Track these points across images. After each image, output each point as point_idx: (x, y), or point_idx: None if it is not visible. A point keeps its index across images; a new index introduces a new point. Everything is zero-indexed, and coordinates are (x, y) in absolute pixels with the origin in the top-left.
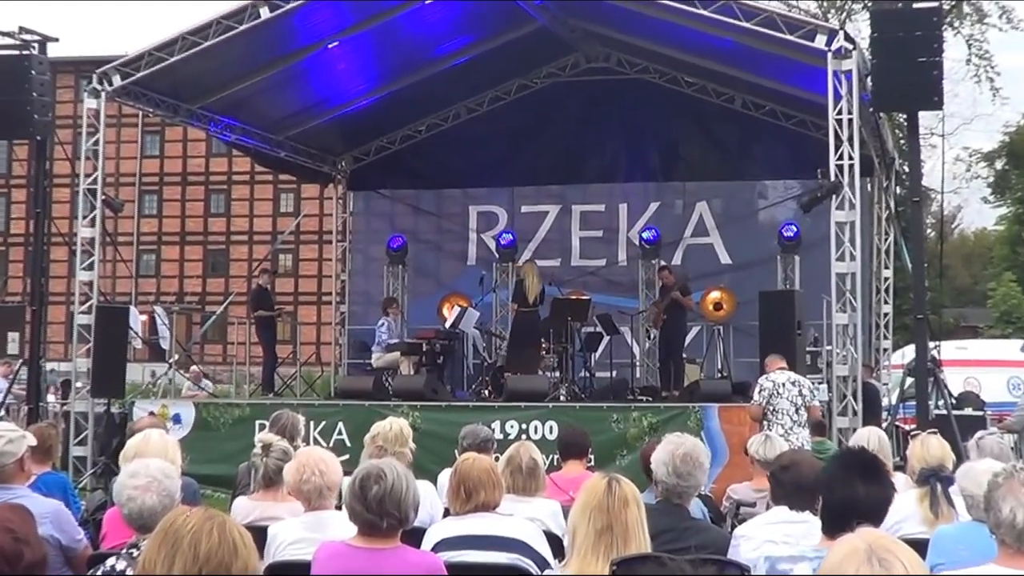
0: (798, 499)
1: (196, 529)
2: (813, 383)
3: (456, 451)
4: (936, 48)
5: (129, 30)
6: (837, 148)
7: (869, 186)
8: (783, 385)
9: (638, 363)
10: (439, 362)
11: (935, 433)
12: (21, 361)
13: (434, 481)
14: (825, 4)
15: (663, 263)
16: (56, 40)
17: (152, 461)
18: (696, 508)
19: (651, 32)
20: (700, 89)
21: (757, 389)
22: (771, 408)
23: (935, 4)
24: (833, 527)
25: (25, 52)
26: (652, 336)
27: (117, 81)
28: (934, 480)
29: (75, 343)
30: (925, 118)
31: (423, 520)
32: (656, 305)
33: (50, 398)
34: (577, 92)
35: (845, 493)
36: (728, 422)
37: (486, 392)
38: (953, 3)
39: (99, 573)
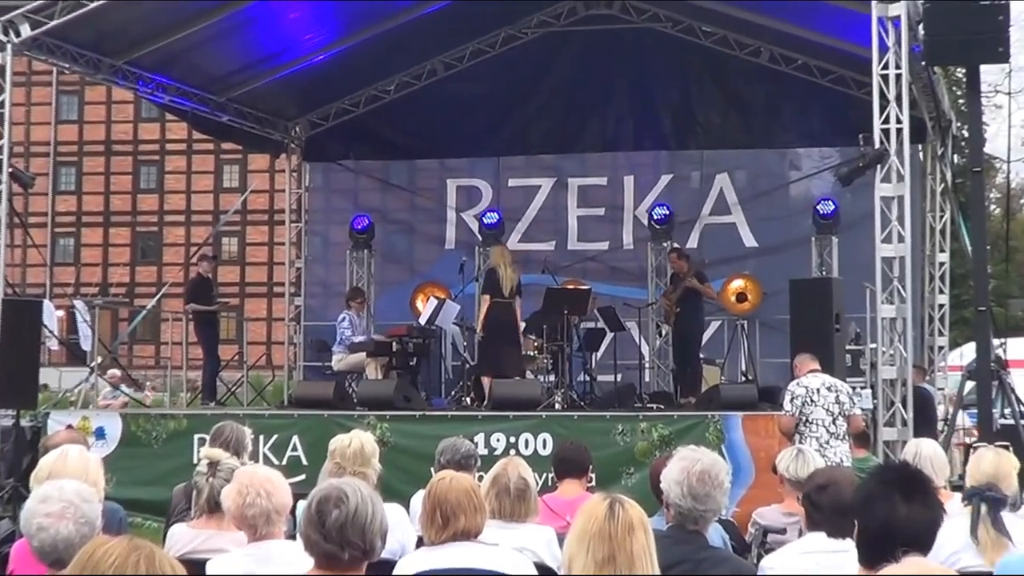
0: (837, 524)
1: (119, 563)
2: (854, 388)
3: (432, 469)
4: None
5: None
6: (882, 109)
7: (921, 154)
8: (818, 391)
9: (647, 365)
10: (412, 364)
11: (1006, 447)
12: None
13: (406, 505)
14: None
15: (674, 246)
16: None
17: (68, 483)
18: (715, 535)
19: None
20: (720, 40)
21: (788, 396)
22: (804, 418)
23: None
24: (872, 556)
25: None
26: (664, 333)
27: (26, 31)
28: (977, 500)
29: None
30: (988, 73)
31: (392, 551)
32: (667, 296)
33: None
34: (574, 45)
35: (883, 515)
36: (754, 434)
37: (467, 400)
38: None
39: None
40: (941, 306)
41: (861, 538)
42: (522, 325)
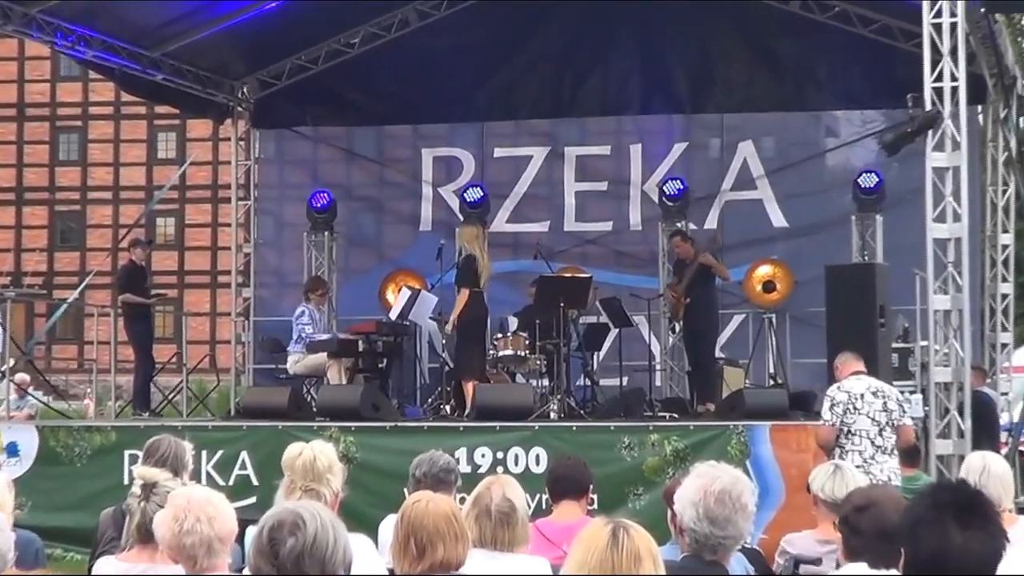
0: (880, 552)
1: None
2: (903, 393)
3: (405, 489)
4: None
5: None
6: (935, 65)
7: (980, 118)
8: (862, 397)
9: (658, 366)
10: (381, 367)
11: None
12: None
13: (374, 533)
14: None
15: (678, 228)
16: None
17: None
18: (738, 566)
19: None
20: None
21: (827, 403)
22: (845, 429)
23: None
24: None
25: None
26: (677, 329)
27: None
28: None
29: None
30: None
31: None
32: (672, 289)
33: None
34: None
35: (934, 543)
36: (784, 447)
37: (447, 408)
38: None
39: None
40: (1004, 296)
41: (908, 570)
42: (513, 321)
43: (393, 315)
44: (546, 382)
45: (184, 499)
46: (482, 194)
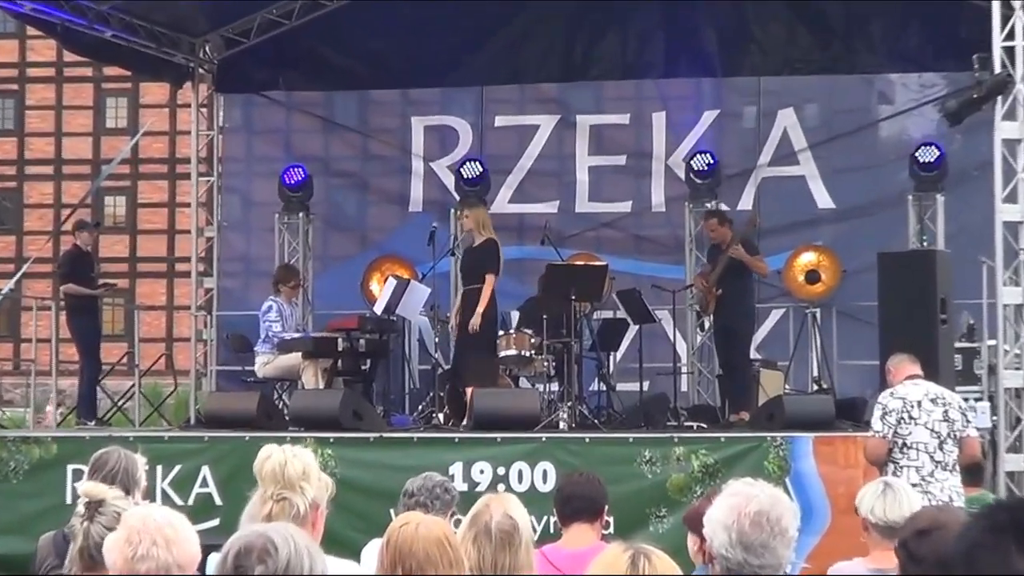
0: None
1: None
2: (967, 400)
3: (393, 511)
4: None
5: None
6: (1005, 21)
7: None
8: (919, 404)
9: (685, 368)
10: (364, 369)
11: None
12: None
13: (356, 559)
14: None
15: (714, 208)
16: None
17: None
18: None
19: None
20: None
21: (878, 411)
22: (899, 441)
23: None
24: None
25: None
26: (708, 326)
27: None
28: None
29: None
30: None
31: None
32: (703, 278)
33: None
34: None
35: (994, 570)
36: (830, 462)
37: (440, 417)
38: None
39: None
40: None
41: None
42: (516, 316)
43: (378, 309)
44: (554, 387)
45: (139, 520)
46: (481, 170)
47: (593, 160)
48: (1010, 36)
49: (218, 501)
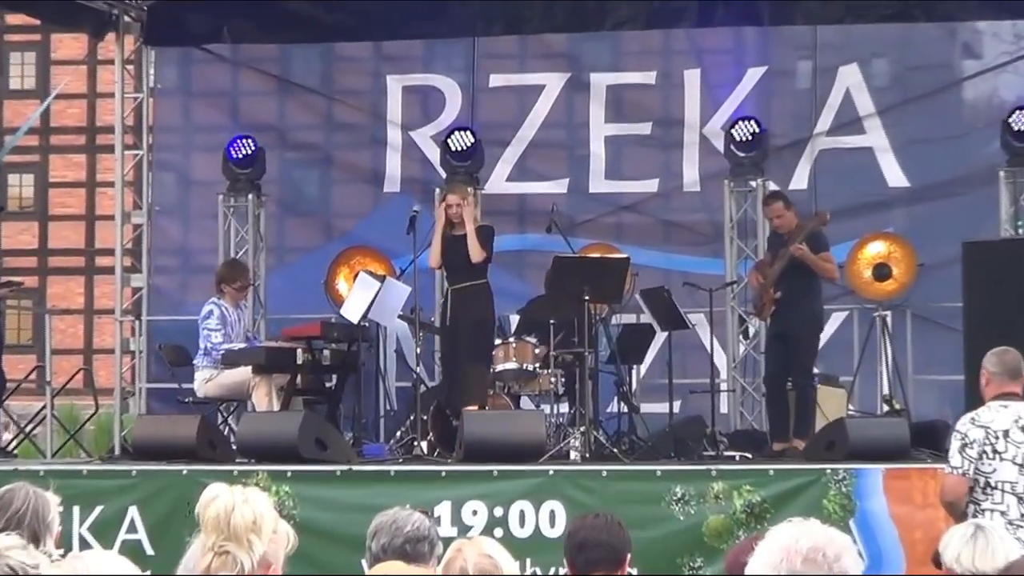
0: None
1: None
2: None
3: (363, 561)
4: None
5: None
6: None
7: None
8: (1004, 434)
9: (724, 385)
10: (330, 386)
11: None
12: None
13: None
14: None
15: (774, 189)
16: None
17: None
18: None
19: None
20: None
21: (955, 442)
22: (981, 480)
23: None
24: None
25: None
26: (753, 333)
27: None
28: None
29: None
30: None
31: None
32: (760, 272)
33: None
34: None
35: None
36: (904, 501)
37: (422, 446)
38: None
39: None
40: None
41: None
42: (515, 320)
43: (347, 313)
44: (564, 408)
45: (70, 568)
46: (473, 140)
47: (611, 129)
48: None
49: (149, 550)
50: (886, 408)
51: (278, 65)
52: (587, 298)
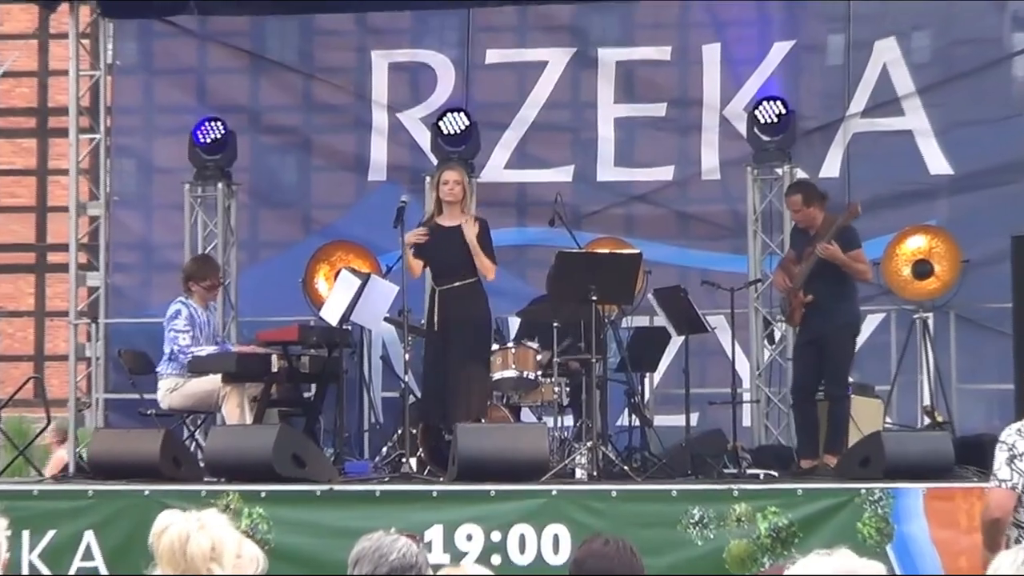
0: None
1: None
2: None
3: None
4: None
5: None
6: None
7: None
8: None
9: (747, 395)
10: (308, 396)
11: None
12: None
13: None
14: None
15: (801, 179)
16: None
17: None
18: None
19: None
20: None
21: (1003, 453)
22: None
23: None
24: None
25: None
26: (779, 337)
27: None
28: None
29: None
30: None
31: None
32: (786, 275)
33: None
34: None
35: None
36: (948, 524)
37: (411, 463)
38: None
39: None
40: None
41: None
42: (515, 323)
43: (327, 315)
44: (569, 420)
45: None
46: (467, 123)
47: (621, 110)
48: None
49: None
50: (927, 420)
51: (250, 39)
52: (594, 298)
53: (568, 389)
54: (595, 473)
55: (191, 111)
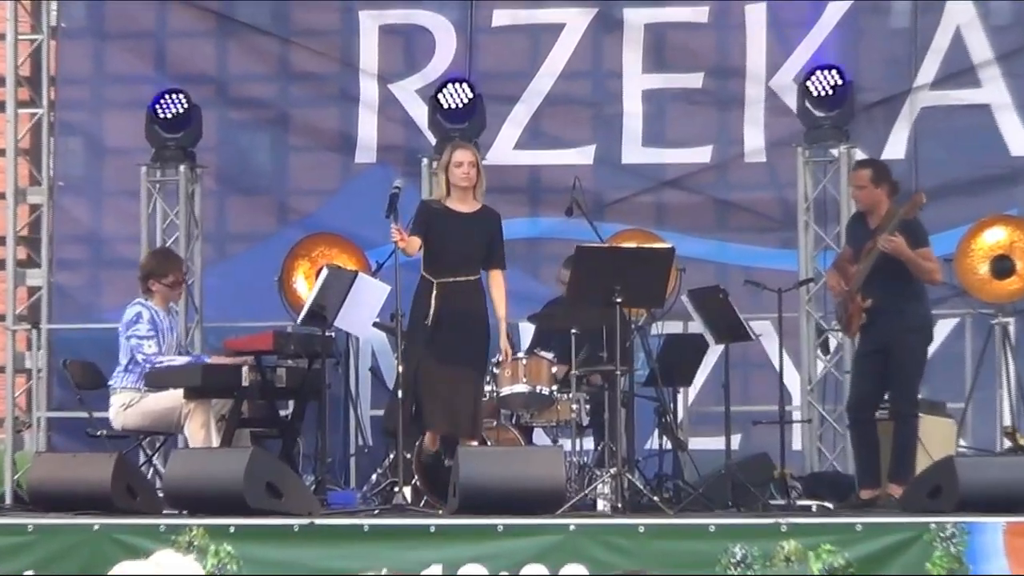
0: None
1: None
2: None
3: None
4: None
5: None
6: None
7: None
8: None
9: (798, 414)
10: (285, 415)
11: None
12: None
13: None
14: None
15: (863, 158)
16: None
17: None
18: None
19: None
20: None
21: None
22: None
23: None
24: None
25: None
26: (835, 346)
27: None
28: None
29: None
30: None
31: None
32: (841, 273)
33: None
34: None
35: None
36: None
37: (406, 492)
38: None
39: None
40: None
41: None
42: (526, 329)
43: (305, 320)
44: (590, 443)
45: None
46: (471, 96)
47: (651, 80)
48: None
49: None
50: (1007, 443)
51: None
52: (619, 301)
53: (588, 407)
54: (620, 505)
55: (149, 81)
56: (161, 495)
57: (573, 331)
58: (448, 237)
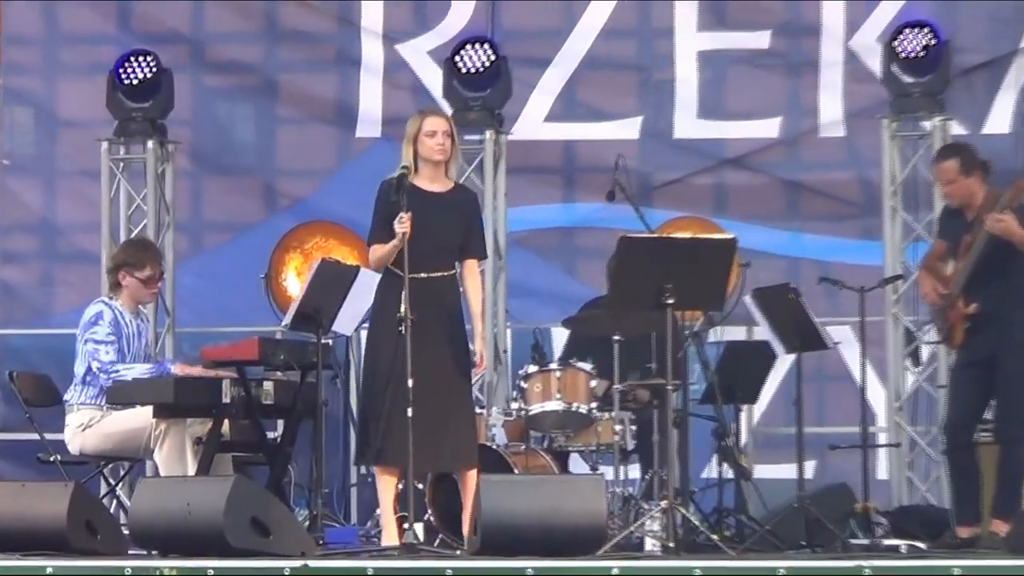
0: None
1: None
2: None
3: None
4: None
5: None
6: None
7: None
8: None
9: (884, 437)
10: (274, 438)
11: None
12: None
13: None
14: None
15: (951, 143)
16: None
17: None
18: None
19: None
20: None
21: None
22: None
23: None
24: None
25: None
26: (929, 355)
27: None
28: None
29: None
30: None
31: None
32: (935, 276)
33: None
34: None
35: None
36: None
37: (418, 529)
38: None
39: None
40: None
41: None
42: (560, 336)
43: (290, 324)
44: (636, 471)
45: None
46: (494, 58)
47: (708, 40)
48: None
49: None
50: None
51: None
52: (671, 302)
53: (634, 428)
54: (672, 544)
55: (111, 41)
56: (126, 532)
57: (616, 338)
58: (420, 223)
